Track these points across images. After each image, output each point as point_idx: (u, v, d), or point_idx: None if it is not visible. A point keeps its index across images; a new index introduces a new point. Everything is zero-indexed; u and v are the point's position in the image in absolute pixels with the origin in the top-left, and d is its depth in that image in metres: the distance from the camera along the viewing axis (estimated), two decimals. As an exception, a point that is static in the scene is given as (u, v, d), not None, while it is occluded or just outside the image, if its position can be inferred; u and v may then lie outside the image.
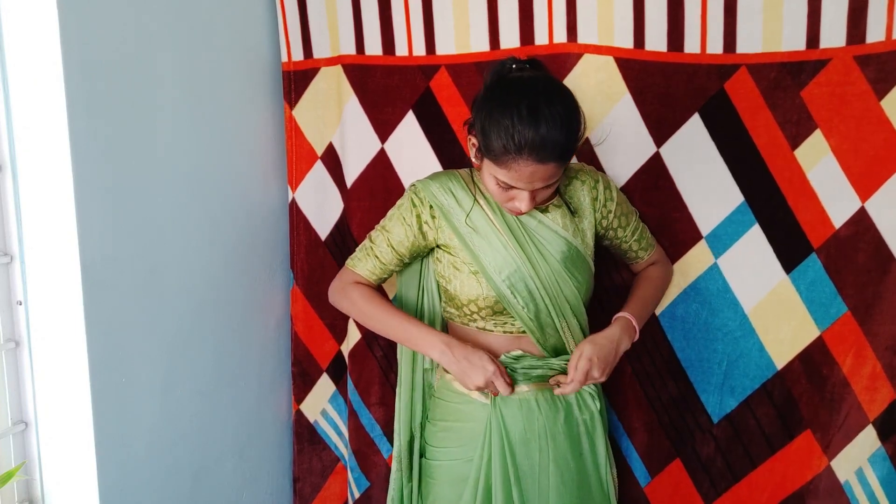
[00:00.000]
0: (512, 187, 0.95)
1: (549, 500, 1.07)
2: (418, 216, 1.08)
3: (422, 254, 1.13)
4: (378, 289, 1.17)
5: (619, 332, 1.06)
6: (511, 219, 1.05)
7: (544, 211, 1.06)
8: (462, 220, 1.05)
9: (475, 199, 1.06)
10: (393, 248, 1.10)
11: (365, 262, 1.14)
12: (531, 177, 0.92)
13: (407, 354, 1.21)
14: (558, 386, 1.06)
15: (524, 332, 1.08)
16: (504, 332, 1.09)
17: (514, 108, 0.89)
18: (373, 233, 1.14)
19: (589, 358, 1.02)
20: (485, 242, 1.05)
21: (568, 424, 1.09)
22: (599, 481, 1.12)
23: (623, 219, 1.12)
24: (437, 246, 1.10)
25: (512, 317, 1.07)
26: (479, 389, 1.04)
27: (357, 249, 1.17)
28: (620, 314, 1.10)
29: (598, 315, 1.15)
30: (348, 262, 1.17)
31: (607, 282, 1.26)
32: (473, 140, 0.99)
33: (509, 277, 1.04)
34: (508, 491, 1.07)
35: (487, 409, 1.08)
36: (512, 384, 1.05)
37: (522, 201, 0.96)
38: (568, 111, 0.90)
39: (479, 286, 1.05)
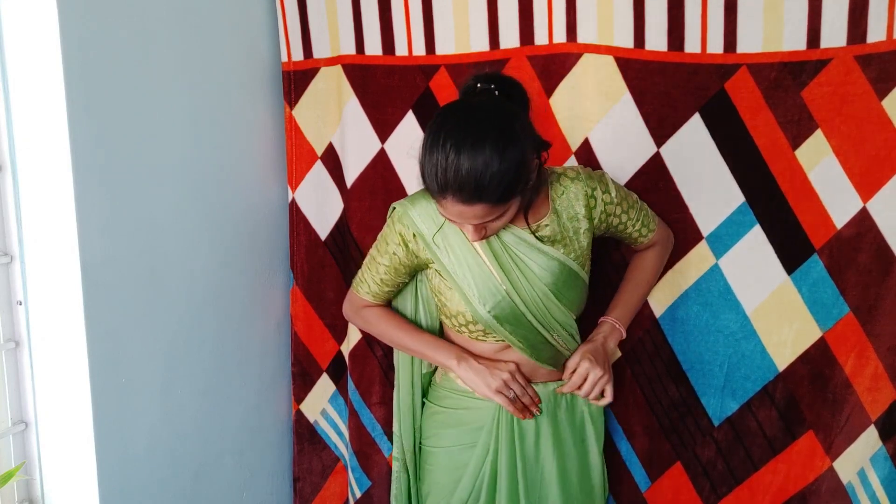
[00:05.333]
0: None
1: (550, 485, 1.09)
2: (404, 243, 1.06)
3: (421, 268, 1.11)
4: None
5: (603, 335, 1.11)
6: (496, 243, 1.02)
7: (535, 230, 1.02)
8: (442, 249, 1.03)
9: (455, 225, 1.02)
10: (391, 274, 1.10)
11: (369, 287, 1.14)
12: (461, 216, 0.90)
13: (405, 359, 1.20)
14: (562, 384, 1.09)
15: None
16: (496, 340, 1.08)
17: (443, 145, 0.86)
18: (368, 259, 1.14)
19: (587, 361, 1.06)
20: (467, 272, 1.02)
21: (570, 413, 1.11)
22: (597, 470, 1.15)
23: (624, 215, 1.10)
24: (428, 265, 1.09)
25: None
26: (498, 393, 1.05)
27: (359, 271, 1.17)
28: (604, 318, 1.13)
29: (604, 300, 1.17)
30: (353, 285, 1.18)
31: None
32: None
33: (494, 308, 1.02)
34: (514, 480, 1.08)
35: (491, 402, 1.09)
36: (531, 399, 1.07)
37: (469, 232, 0.96)
38: (499, 153, 0.85)
39: (467, 304, 1.05)
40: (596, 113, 1.18)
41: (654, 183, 1.19)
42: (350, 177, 1.38)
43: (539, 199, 1.04)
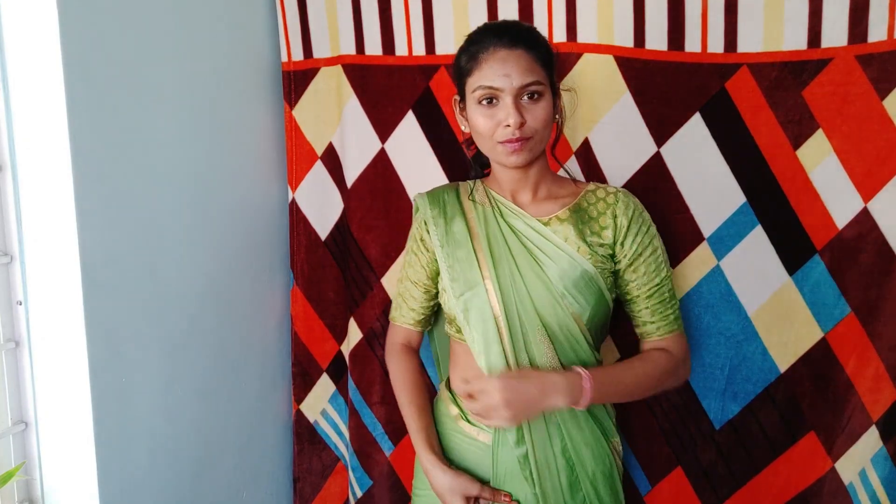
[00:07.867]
0: (493, 98, 0.91)
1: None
2: (421, 240, 1.09)
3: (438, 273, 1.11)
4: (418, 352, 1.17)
5: (554, 385, 0.90)
6: (496, 233, 1.00)
7: (548, 223, 1.00)
8: (439, 231, 1.04)
9: (461, 208, 1.04)
10: (417, 285, 1.11)
11: (402, 311, 1.15)
12: (504, 65, 0.90)
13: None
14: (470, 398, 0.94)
15: None
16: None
17: (478, 28, 0.96)
18: (400, 278, 1.15)
19: (495, 404, 0.88)
20: (454, 256, 1.02)
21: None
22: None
23: (635, 276, 1.00)
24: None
25: None
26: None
27: (393, 300, 1.18)
28: (580, 368, 0.93)
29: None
30: (390, 315, 1.18)
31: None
32: (458, 107, 1.02)
33: (467, 301, 1.00)
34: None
35: (486, 449, 1.03)
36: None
37: (509, 114, 0.90)
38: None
39: (445, 290, 1.04)
40: (596, 113, 1.18)
41: (654, 183, 1.19)
42: (350, 177, 1.38)
43: (559, 185, 1.05)
